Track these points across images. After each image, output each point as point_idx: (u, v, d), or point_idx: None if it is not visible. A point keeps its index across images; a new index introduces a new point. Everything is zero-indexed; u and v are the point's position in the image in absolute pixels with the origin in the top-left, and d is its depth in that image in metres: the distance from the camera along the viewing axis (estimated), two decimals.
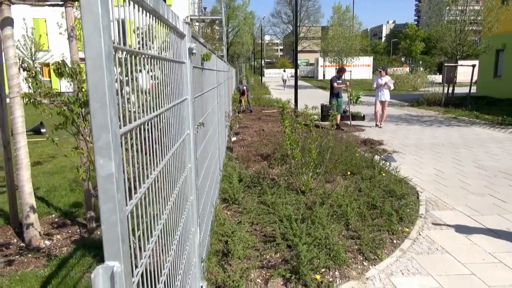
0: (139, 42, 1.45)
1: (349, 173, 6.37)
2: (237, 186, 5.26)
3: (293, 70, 57.97)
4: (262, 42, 57.13)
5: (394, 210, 4.66)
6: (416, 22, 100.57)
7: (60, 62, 2.55)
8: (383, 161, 7.15)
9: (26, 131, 4.05)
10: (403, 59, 73.72)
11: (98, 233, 4.31)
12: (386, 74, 12.08)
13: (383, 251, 3.80)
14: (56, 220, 4.75)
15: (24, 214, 4.05)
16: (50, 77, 32.14)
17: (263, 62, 50.15)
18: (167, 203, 1.70)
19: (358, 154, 7.59)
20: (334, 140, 6.40)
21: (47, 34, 30.72)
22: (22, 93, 2.73)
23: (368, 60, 44.94)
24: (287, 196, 5.10)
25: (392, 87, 11.86)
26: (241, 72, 35.38)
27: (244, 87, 16.13)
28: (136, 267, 1.14)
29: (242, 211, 4.71)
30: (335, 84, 11.45)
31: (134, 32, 1.36)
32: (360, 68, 42.30)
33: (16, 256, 3.80)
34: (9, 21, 3.82)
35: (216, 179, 4.94)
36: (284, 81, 36.58)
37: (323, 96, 23.84)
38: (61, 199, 5.49)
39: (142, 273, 1.18)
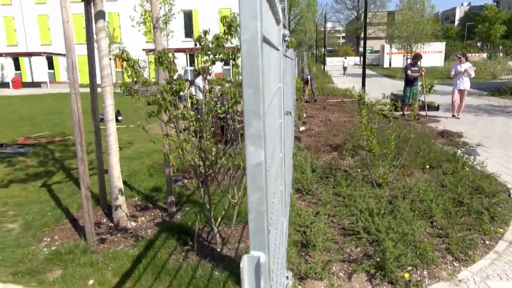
0: None
1: (428, 166, 5.99)
2: (311, 176, 5.18)
3: (355, 58, 55.92)
4: (325, 29, 55.67)
5: (485, 209, 4.29)
6: (495, 3, 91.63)
7: (162, 51, 2.64)
8: (465, 155, 6.62)
9: (103, 119, 4.31)
10: (479, 44, 67.84)
11: (178, 217, 4.49)
12: (467, 60, 11.13)
13: (475, 252, 3.52)
14: (139, 203, 5.03)
15: (113, 196, 4.33)
16: (122, 68, 34.28)
17: (325, 50, 49.01)
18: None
19: (437, 146, 7.11)
20: (405, 131, 6.04)
21: (120, 27, 32.60)
22: (120, 82, 2.87)
23: (440, 46, 41.88)
24: (363, 189, 4.91)
25: (473, 75, 10.92)
26: (303, 61, 34.90)
27: (308, 76, 15.85)
28: None
29: (317, 202, 4.63)
30: (409, 72, 10.80)
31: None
32: (431, 54, 39.58)
33: (107, 235, 4.08)
34: (102, 14, 4.05)
35: (290, 169, 4.90)
36: (345, 68, 35.47)
37: (391, 85, 22.70)
38: (141, 183, 5.80)
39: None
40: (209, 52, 2.84)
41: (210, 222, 3.63)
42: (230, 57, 3.31)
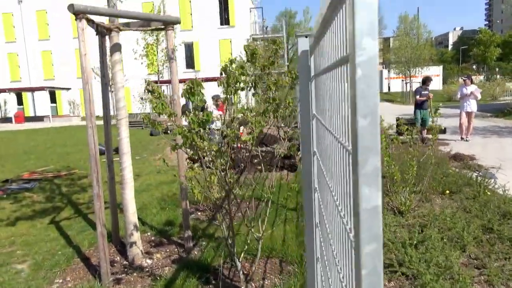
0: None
1: (448, 191, 5.81)
2: None
3: None
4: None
5: None
6: (488, 27, 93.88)
7: (194, 81, 2.55)
8: (484, 178, 6.46)
9: (104, 153, 4.19)
10: (475, 66, 68.91)
11: (195, 253, 4.28)
12: (472, 82, 11.16)
13: None
14: (152, 238, 4.82)
15: (127, 232, 4.14)
16: None
17: None
18: None
19: (452, 170, 6.96)
20: (425, 155, 5.91)
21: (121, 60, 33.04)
22: (143, 115, 2.76)
23: (438, 70, 42.49)
24: (386, 217, 4.72)
25: (479, 97, 10.92)
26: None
27: None
28: None
29: None
30: (417, 96, 10.78)
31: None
32: None
33: (123, 275, 3.86)
34: (118, 47, 4.01)
35: None
36: None
37: (393, 109, 22.79)
38: (153, 217, 5.60)
39: None
40: (233, 81, 2.75)
41: (232, 257, 3.43)
42: (251, 84, 3.23)
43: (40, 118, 31.64)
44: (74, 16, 3.47)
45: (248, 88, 3.21)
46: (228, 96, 3.11)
